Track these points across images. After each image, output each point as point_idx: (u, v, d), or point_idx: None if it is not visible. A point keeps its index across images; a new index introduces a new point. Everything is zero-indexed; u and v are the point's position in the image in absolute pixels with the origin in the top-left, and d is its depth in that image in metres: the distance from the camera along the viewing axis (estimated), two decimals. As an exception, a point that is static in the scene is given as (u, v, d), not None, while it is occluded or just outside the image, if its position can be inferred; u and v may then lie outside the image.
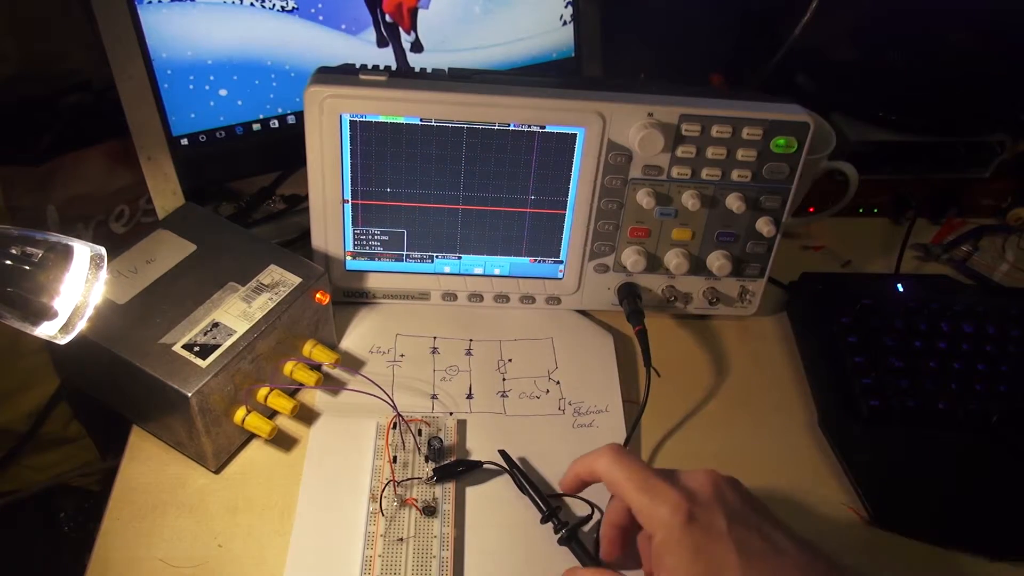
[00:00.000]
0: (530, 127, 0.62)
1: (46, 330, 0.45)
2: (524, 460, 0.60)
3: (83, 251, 0.45)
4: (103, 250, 0.47)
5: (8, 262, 0.43)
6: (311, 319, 0.63)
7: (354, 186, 0.64)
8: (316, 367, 0.63)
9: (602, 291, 0.70)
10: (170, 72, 0.65)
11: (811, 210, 0.82)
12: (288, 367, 0.61)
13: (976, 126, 0.85)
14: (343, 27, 0.70)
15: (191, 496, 0.57)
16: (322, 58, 0.66)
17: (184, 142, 0.68)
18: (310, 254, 0.67)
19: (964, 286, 0.78)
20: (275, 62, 0.69)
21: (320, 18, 0.69)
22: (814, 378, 0.69)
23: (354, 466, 0.58)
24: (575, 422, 0.64)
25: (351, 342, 0.68)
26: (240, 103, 0.69)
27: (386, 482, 0.56)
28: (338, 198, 0.64)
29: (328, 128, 0.61)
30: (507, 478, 0.58)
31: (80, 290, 0.45)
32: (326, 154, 0.62)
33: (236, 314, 0.58)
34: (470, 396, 0.65)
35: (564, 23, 0.80)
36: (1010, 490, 0.61)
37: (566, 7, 0.79)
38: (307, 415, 0.62)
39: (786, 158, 0.64)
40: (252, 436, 0.60)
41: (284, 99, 0.71)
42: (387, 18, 0.72)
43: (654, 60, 0.91)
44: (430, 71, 0.63)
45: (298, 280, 0.61)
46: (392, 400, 0.59)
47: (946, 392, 0.65)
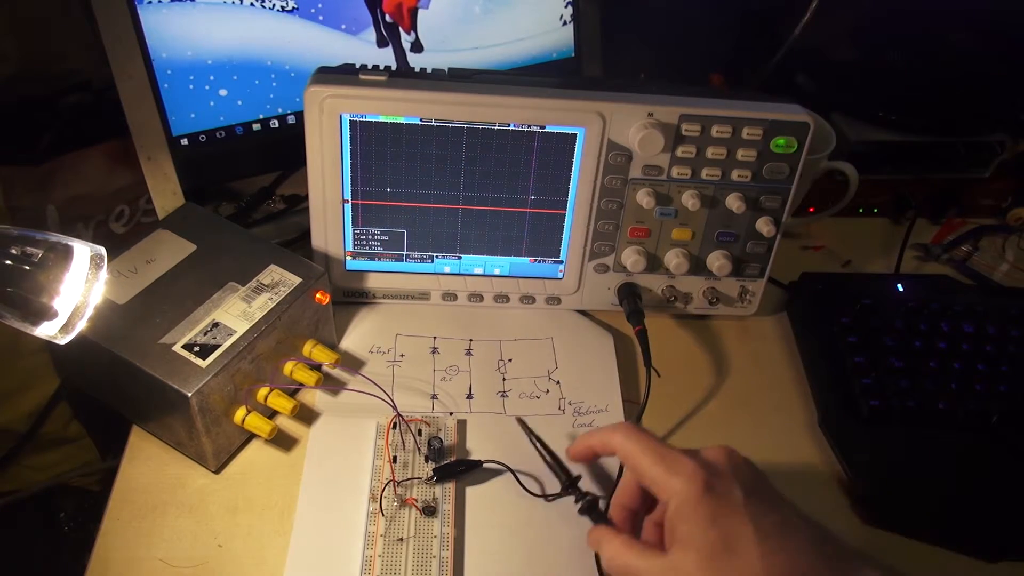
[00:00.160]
0: (530, 127, 0.62)
1: (46, 330, 0.45)
2: (523, 462, 0.60)
3: (83, 251, 0.45)
4: (103, 250, 0.47)
5: (8, 262, 0.43)
6: (311, 319, 0.63)
7: (354, 186, 0.64)
8: (316, 367, 0.63)
9: (602, 291, 0.70)
10: (170, 72, 0.65)
11: (811, 210, 0.82)
12: (288, 367, 0.61)
13: (976, 126, 0.85)
14: (343, 27, 0.70)
15: (191, 496, 0.57)
16: (322, 58, 0.66)
17: (184, 142, 0.68)
18: (310, 254, 0.67)
19: (964, 286, 0.78)
20: (275, 62, 0.69)
21: (320, 18, 0.69)
22: (814, 378, 0.69)
23: (354, 466, 0.58)
24: (575, 422, 0.64)
25: (351, 342, 0.68)
26: (240, 103, 0.69)
27: (386, 482, 0.56)
28: (338, 198, 0.64)
29: (328, 128, 0.61)
30: (507, 478, 0.58)
31: (80, 290, 0.45)
32: (326, 154, 0.62)
33: (236, 314, 0.58)
34: (470, 396, 0.65)
35: (564, 23, 0.80)
36: (1010, 490, 0.61)
37: (566, 7, 0.79)
38: (307, 415, 0.62)
39: (786, 158, 0.64)
40: (252, 436, 0.60)
41: (284, 99, 0.71)
42: (387, 18, 0.72)
43: (654, 60, 0.91)
44: (430, 71, 0.63)
45: (298, 280, 0.61)
46: (392, 400, 0.59)
47: (946, 392, 0.65)
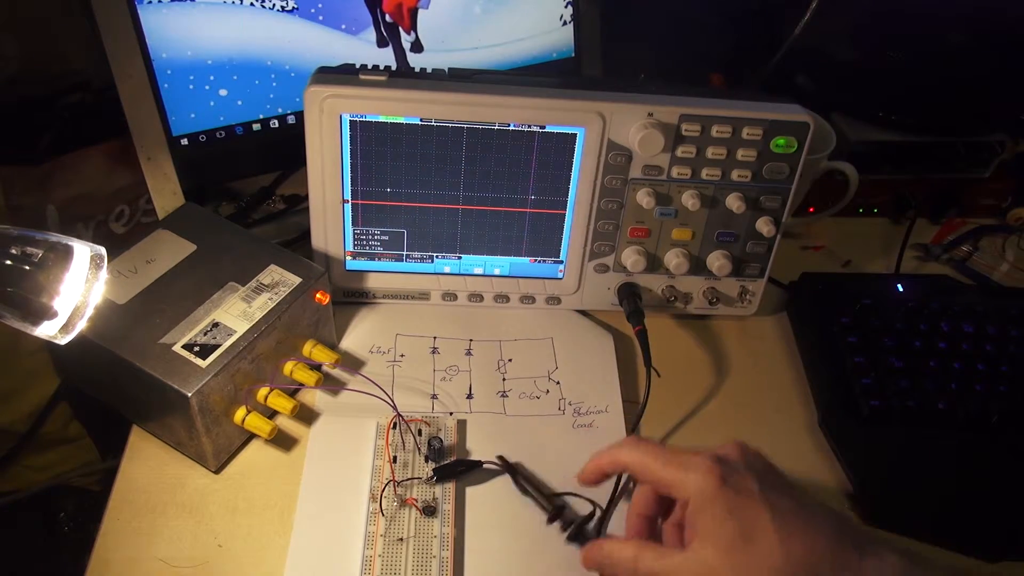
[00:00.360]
0: (530, 127, 0.62)
1: (46, 330, 0.45)
2: (523, 462, 0.60)
3: (83, 251, 0.45)
4: (103, 250, 0.47)
5: (8, 262, 0.43)
6: (311, 319, 0.63)
7: (354, 186, 0.64)
8: (316, 367, 0.63)
9: (602, 291, 0.70)
10: (170, 72, 0.65)
11: (811, 210, 0.82)
12: (288, 367, 0.61)
13: (976, 126, 0.85)
14: (343, 27, 0.70)
15: (191, 496, 0.57)
16: (322, 58, 0.66)
17: (184, 142, 0.68)
18: (310, 254, 0.67)
19: (964, 286, 0.78)
20: (275, 62, 0.69)
21: (320, 18, 0.69)
22: (814, 378, 0.69)
23: (354, 466, 0.58)
24: (575, 422, 0.64)
25: (351, 342, 0.68)
26: (240, 103, 0.69)
27: (386, 482, 0.56)
28: (338, 198, 0.64)
29: (328, 128, 0.61)
30: (507, 478, 0.58)
31: (80, 290, 0.45)
32: (326, 154, 0.62)
33: (236, 314, 0.58)
34: (470, 396, 0.65)
35: (564, 23, 0.80)
36: (1010, 490, 0.61)
37: (566, 7, 0.79)
38: (307, 415, 0.62)
39: (786, 158, 0.64)
40: (252, 436, 0.60)
41: (284, 99, 0.71)
42: (387, 18, 0.72)
43: (654, 60, 0.91)
44: (430, 71, 0.63)
45: (298, 280, 0.61)
46: (392, 400, 0.59)
47: (946, 392, 0.65)
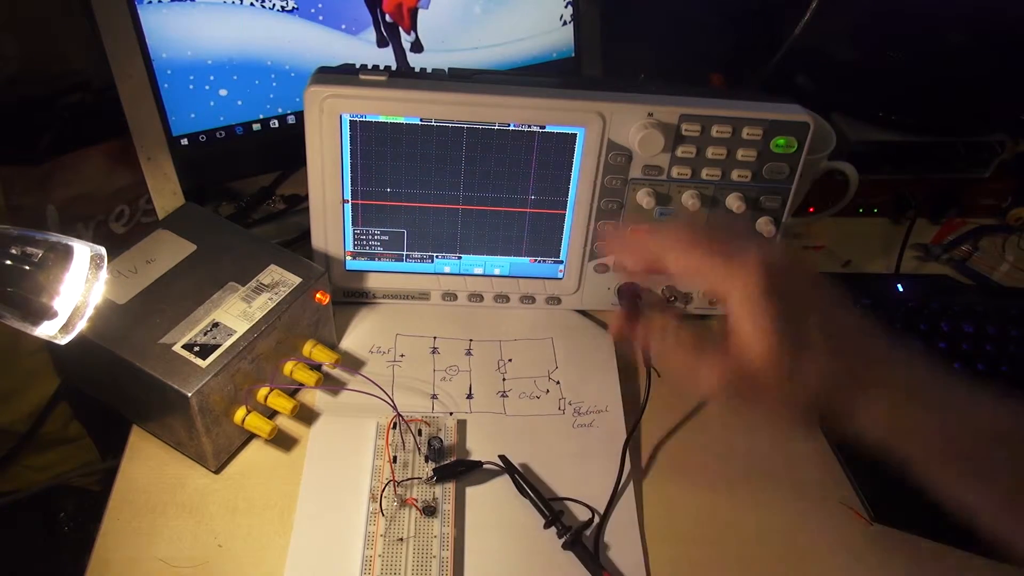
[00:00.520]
0: (530, 127, 0.62)
1: (46, 330, 0.45)
2: (524, 463, 0.60)
3: (83, 251, 0.45)
4: (103, 250, 0.47)
5: (8, 262, 0.43)
6: (311, 319, 0.63)
7: (354, 186, 0.64)
8: (316, 367, 0.63)
9: (602, 291, 0.70)
10: (170, 72, 0.65)
11: (811, 210, 0.82)
12: (288, 367, 0.61)
13: (976, 126, 0.85)
14: (343, 27, 0.70)
15: (191, 496, 0.57)
16: (322, 58, 0.66)
17: (184, 142, 0.68)
18: (310, 254, 0.67)
19: (964, 286, 0.78)
20: (275, 62, 0.69)
21: (320, 18, 0.69)
22: (814, 378, 0.69)
23: (354, 466, 0.58)
24: (575, 422, 0.64)
25: (351, 342, 0.68)
26: (240, 103, 0.69)
27: (386, 482, 0.56)
28: (338, 198, 0.64)
29: (328, 128, 0.61)
30: (507, 478, 0.58)
31: (80, 290, 0.45)
32: (326, 154, 0.62)
33: (236, 314, 0.58)
34: (470, 396, 0.65)
35: (564, 23, 0.80)
36: (1010, 490, 0.61)
37: (566, 7, 0.79)
38: (307, 415, 0.62)
39: (786, 158, 0.64)
40: (252, 436, 0.60)
41: (284, 99, 0.71)
42: (387, 18, 0.72)
43: (654, 60, 0.91)
44: (430, 71, 0.63)
45: (298, 280, 0.61)
46: (392, 400, 0.59)
47: (946, 392, 0.65)
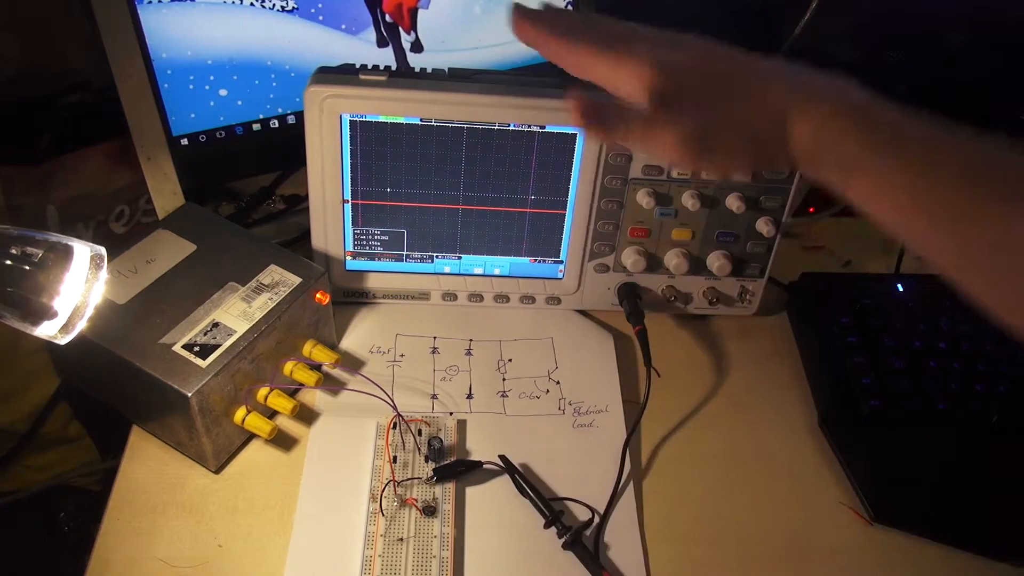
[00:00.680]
0: (530, 127, 0.62)
1: (46, 330, 0.45)
2: (524, 463, 0.60)
3: (83, 251, 0.45)
4: (103, 250, 0.47)
5: (8, 262, 0.43)
6: (311, 319, 0.63)
7: (354, 186, 0.64)
8: (316, 367, 0.63)
9: (602, 291, 0.70)
10: (170, 72, 0.65)
11: (811, 210, 0.82)
12: (288, 367, 0.61)
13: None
14: (343, 27, 0.70)
15: (191, 496, 0.57)
16: (322, 58, 0.66)
17: (184, 142, 0.68)
18: (310, 254, 0.67)
19: (964, 286, 0.78)
20: (275, 62, 0.69)
21: (320, 18, 0.69)
22: (814, 378, 0.69)
23: (354, 466, 0.58)
24: (575, 422, 0.64)
25: (351, 342, 0.68)
26: (240, 103, 0.69)
27: (386, 482, 0.56)
28: (338, 198, 0.64)
29: (328, 128, 0.61)
30: (507, 478, 0.58)
31: (80, 290, 0.45)
32: (326, 154, 0.62)
33: (236, 314, 0.58)
34: (470, 396, 0.65)
35: (564, 23, 0.80)
36: (1010, 490, 0.61)
37: (566, 7, 0.79)
38: (307, 415, 0.62)
39: (786, 158, 0.64)
40: (252, 436, 0.60)
41: (284, 99, 0.71)
42: (387, 18, 0.72)
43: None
44: (430, 71, 0.63)
45: (298, 280, 0.61)
46: (392, 400, 0.59)
47: (946, 392, 0.65)
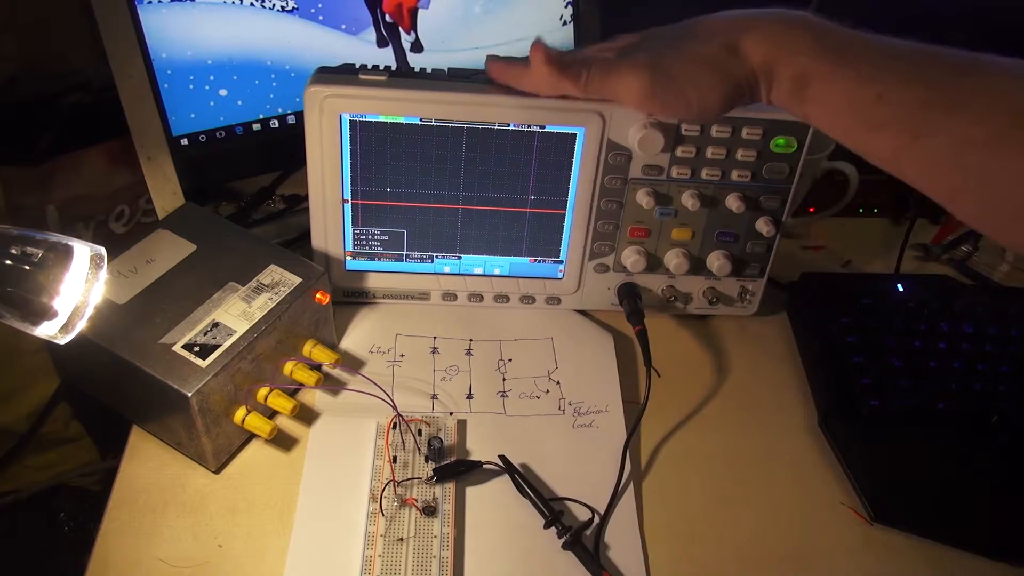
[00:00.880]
0: (530, 127, 0.62)
1: (46, 330, 0.45)
2: (524, 463, 0.60)
3: (83, 251, 0.45)
4: (103, 250, 0.47)
5: (8, 262, 0.43)
6: (311, 319, 0.63)
7: (354, 186, 0.64)
8: (316, 367, 0.63)
9: (602, 291, 0.70)
10: (170, 72, 0.65)
11: (811, 210, 0.82)
12: (288, 367, 0.61)
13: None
14: (343, 27, 0.70)
15: (191, 496, 0.57)
16: (322, 58, 0.66)
17: (184, 142, 0.68)
18: (310, 254, 0.67)
19: (964, 286, 0.78)
20: (275, 62, 0.69)
21: (320, 18, 0.69)
22: (814, 378, 0.69)
23: (354, 466, 0.58)
24: (575, 422, 0.64)
25: (351, 342, 0.68)
26: (240, 103, 0.69)
27: (386, 482, 0.56)
28: (338, 198, 0.64)
29: (328, 128, 0.61)
30: (507, 478, 0.58)
31: (80, 290, 0.45)
32: (326, 154, 0.62)
33: (236, 314, 0.58)
34: (470, 396, 0.65)
35: (564, 23, 0.80)
36: (1010, 490, 0.61)
37: (566, 7, 0.79)
38: (307, 415, 0.62)
39: (786, 158, 0.64)
40: (252, 436, 0.60)
41: (284, 99, 0.71)
42: (387, 18, 0.72)
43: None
44: (430, 71, 0.63)
45: (298, 280, 0.61)
46: (392, 400, 0.59)
47: (946, 392, 0.65)
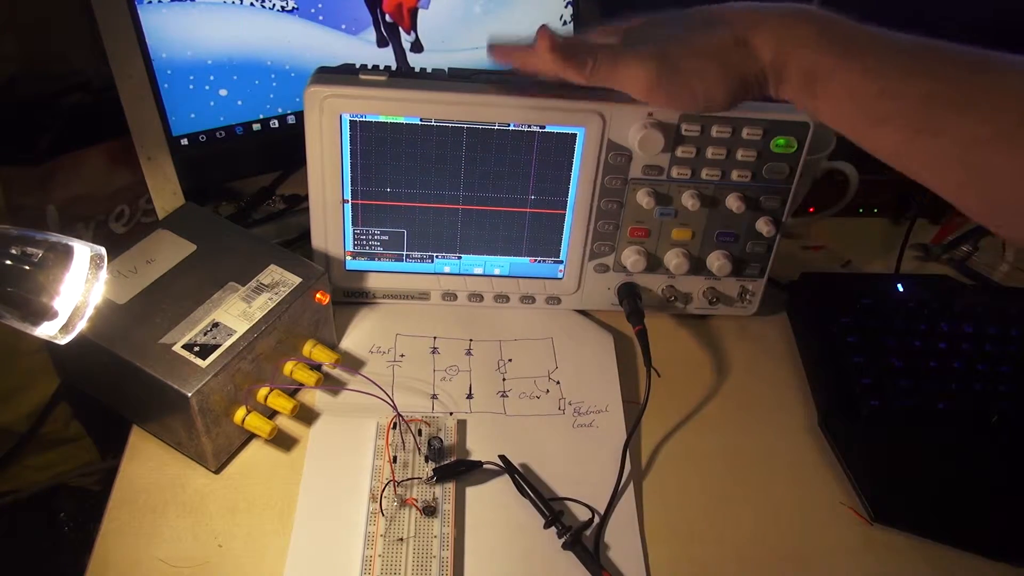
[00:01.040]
0: (530, 127, 0.62)
1: (46, 330, 0.45)
2: (524, 463, 0.60)
3: (83, 251, 0.45)
4: (103, 250, 0.47)
5: (8, 262, 0.43)
6: (311, 319, 0.63)
7: (354, 186, 0.64)
8: (316, 367, 0.63)
9: (602, 291, 0.70)
10: (170, 72, 0.65)
11: (811, 210, 0.82)
12: (288, 367, 0.61)
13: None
14: (343, 27, 0.70)
15: (191, 496, 0.57)
16: (322, 58, 0.66)
17: (184, 142, 0.68)
18: (310, 254, 0.67)
19: (964, 286, 0.78)
20: (275, 62, 0.69)
21: (320, 18, 0.69)
22: (814, 378, 0.69)
23: (354, 466, 0.58)
24: (575, 422, 0.64)
25: (351, 342, 0.68)
26: (240, 103, 0.69)
27: (386, 482, 0.56)
28: (338, 198, 0.64)
29: (328, 128, 0.61)
30: (507, 478, 0.58)
31: (80, 290, 0.45)
32: (326, 154, 0.62)
33: (236, 314, 0.58)
34: (470, 396, 0.65)
35: (564, 23, 0.80)
36: (1010, 490, 0.61)
37: (566, 7, 0.79)
38: (307, 415, 0.62)
39: (786, 158, 0.64)
40: (252, 436, 0.60)
41: (284, 99, 0.71)
42: (387, 18, 0.72)
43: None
44: (430, 71, 0.63)
45: (298, 280, 0.61)
46: (392, 400, 0.59)
47: (946, 392, 0.65)
